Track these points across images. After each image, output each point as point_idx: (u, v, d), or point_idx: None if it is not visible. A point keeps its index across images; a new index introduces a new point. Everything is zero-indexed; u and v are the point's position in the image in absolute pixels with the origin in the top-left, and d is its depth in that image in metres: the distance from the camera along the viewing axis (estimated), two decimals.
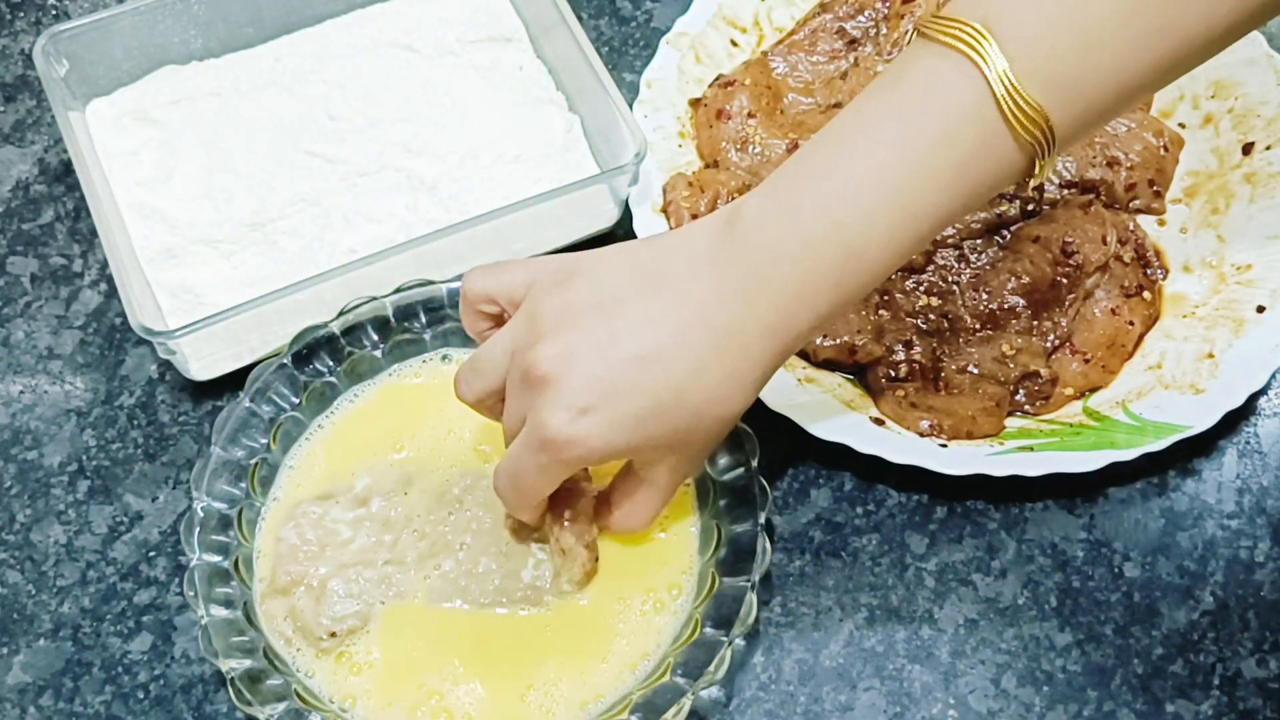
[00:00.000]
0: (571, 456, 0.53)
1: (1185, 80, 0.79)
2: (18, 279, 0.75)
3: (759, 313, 0.53)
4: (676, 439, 0.55)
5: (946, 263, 0.71)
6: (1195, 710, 0.62)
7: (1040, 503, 0.67)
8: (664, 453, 0.56)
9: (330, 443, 0.65)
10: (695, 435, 0.55)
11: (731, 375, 0.54)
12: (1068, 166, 0.75)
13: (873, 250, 0.52)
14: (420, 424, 0.65)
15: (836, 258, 0.52)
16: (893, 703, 0.62)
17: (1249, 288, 0.71)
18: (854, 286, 0.53)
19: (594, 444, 0.53)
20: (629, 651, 0.59)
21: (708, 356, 0.53)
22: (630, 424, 0.53)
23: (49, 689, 0.62)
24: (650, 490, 0.58)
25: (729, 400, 0.54)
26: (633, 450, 0.55)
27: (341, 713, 0.58)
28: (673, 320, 0.53)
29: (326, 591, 0.59)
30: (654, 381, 0.53)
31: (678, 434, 0.54)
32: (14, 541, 0.66)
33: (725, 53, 0.80)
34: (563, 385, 0.52)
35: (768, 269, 0.53)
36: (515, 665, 0.59)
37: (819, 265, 0.52)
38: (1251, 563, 0.66)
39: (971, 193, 0.53)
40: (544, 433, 0.53)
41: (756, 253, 0.53)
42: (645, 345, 0.53)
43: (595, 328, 0.53)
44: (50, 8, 0.86)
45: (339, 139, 0.75)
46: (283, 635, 0.59)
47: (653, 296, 0.53)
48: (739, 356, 0.53)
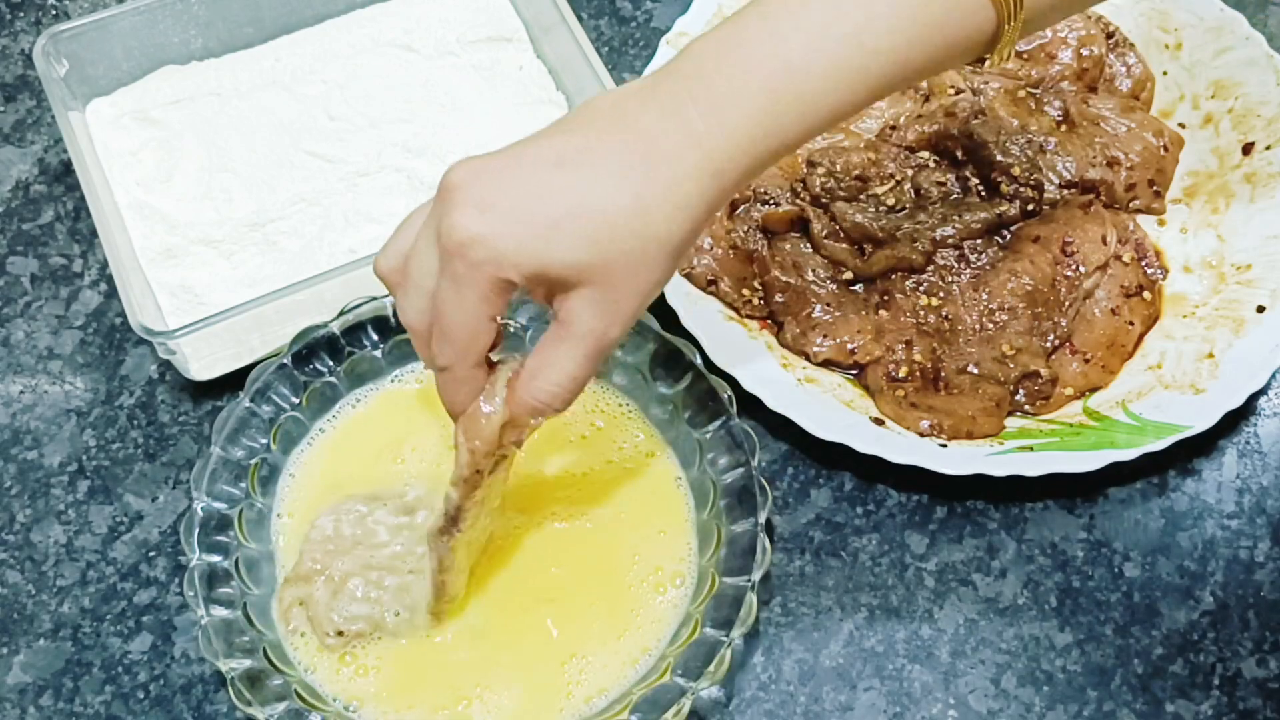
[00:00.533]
0: (479, 257, 0.48)
1: (1185, 80, 0.79)
2: (18, 279, 0.75)
3: (687, 118, 0.49)
4: (596, 261, 0.49)
5: (946, 263, 0.71)
6: (1195, 710, 0.62)
7: (1040, 503, 0.67)
8: (583, 281, 0.50)
9: (331, 448, 0.65)
10: (616, 263, 0.49)
11: (656, 184, 0.49)
12: (1067, 166, 0.75)
13: (815, 74, 0.50)
14: (421, 433, 0.65)
15: (775, 69, 0.49)
16: (893, 703, 0.62)
17: (1249, 288, 0.71)
18: (792, 114, 0.50)
19: (502, 244, 0.48)
20: (637, 634, 0.60)
21: (629, 160, 0.49)
22: (542, 227, 0.48)
23: (49, 689, 0.62)
24: (569, 340, 0.51)
25: (652, 215, 0.49)
26: (548, 263, 0.49)
27: (346, 711, 0.58)
28: (592, 127, 0.50)
29: (345, 589, 0.59)
30: (567, 182, 0.49)
31: (596, 252, 0.49)
32: (14, 541, 0.66)
33: None
34: (469, 188, 0.49)
35: (699, 73, 0.50)
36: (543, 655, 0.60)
37: (755, 74, 0.49)
38: (1251, 563, 0.66)
39: (931, 41, 0.50)
40: (450, 236, 0.48)
41: (688, 61, 0.50)
42: (559, 149, 0.49)
43: (507, 151, 0.50)
44: (50, 8, 0.86)
45: (339, 139, 0.75)
46: (291, 623, 0.59)
47: (571, 120, 0.51)
48: (664, 163, 0.49)
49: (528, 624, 0.60)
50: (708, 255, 0.72)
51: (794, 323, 0.70)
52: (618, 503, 0.64)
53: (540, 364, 0.52)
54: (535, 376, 0.52)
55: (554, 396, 0.52)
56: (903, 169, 0.75)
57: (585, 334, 0.51)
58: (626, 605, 0.61)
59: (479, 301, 0.50)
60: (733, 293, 0.71)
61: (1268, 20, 0.84)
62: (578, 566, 0.62)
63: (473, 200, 0.48)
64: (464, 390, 0.53)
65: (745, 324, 0.71)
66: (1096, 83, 0.80)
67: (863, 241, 0.73)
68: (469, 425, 0.53)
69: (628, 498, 0.64)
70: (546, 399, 0.52)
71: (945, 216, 0.73)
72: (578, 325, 0.51)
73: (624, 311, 0.51)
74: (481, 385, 0.53)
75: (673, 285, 0.69)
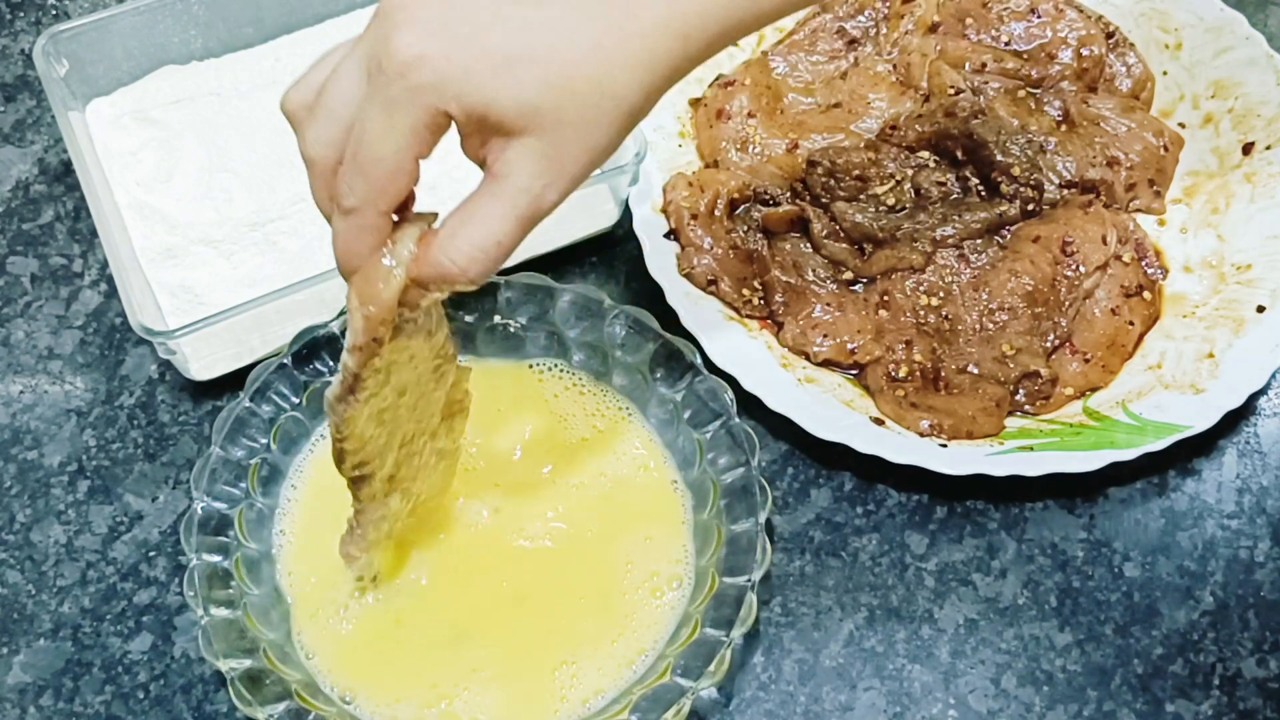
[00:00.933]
0: (422, 80, 0.44)
1: (1185, 80, 0.79)
2: (18, 279, 0.75)
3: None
4: (546, 106, 0.45)
5: (946, 263, 0.71)
6: (1195, 710, 0.62)
7: (1040, 503, 0.67)
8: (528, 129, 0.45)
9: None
10: (568, 113, 0.46)
11: (619, 35, 0.46)
12: (1067, 166, 0.75)
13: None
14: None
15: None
16: (893, 703, 0.62)
17: (1249, 288, 0.71)
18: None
19: (449, 70, 0.44)
20: (632, 637, 0.60)
21: (593, 6, 0.46)
22: (496, 59, 0.44)
23: (49, 689, 0.62)
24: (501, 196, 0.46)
25: (613, 67, 0.46)
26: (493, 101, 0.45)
27: (344, 704, 0.58)
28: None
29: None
30: (526, 19, 0.45)
31: (549, 98, 0.45)
32: (14, 541, 0.66)
33: (725, 52, 0.80)
34: (417, 7, 0.44)
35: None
36: (534, 651, 0.60)
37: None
38: (1251, 563, 0.66)
39: None
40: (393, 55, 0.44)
41: None
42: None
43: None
44: (50, 8, 0.86)
45: None
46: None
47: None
48: (630, 14, 0.46)
49: (517, 627, 0.60)
50: (708, 255, 0.72)
51: (794, 323, 0.70)
52: (613, 508, 0.64)
53: (462, 221, 0.46)
54: (455, 235, 0.46)
55: (472, 261, 0.46)
56: (903, 169, 0.75)
57: (521, 190, 0.46)
58: (621, 610, 0.61)
59: (409, 133, 0.45)
60: (733, 293, 0.71)
61: (1268, 20, 0.84)
62: (571, 572, 0.62)
63: (421, 20, 0.44)
64: (365, 240, 0.47)
65: (745, 324, 0.71)
66: (1096, 83, 0.80)
67: (863, 241, 0.73)
68: (364, 286, 0.47)
69: (623, 503, 0.64)
70: (464, 263, 0.46)
71: (945, 216, 0.73)
72: (514, 179, 0.46)
73: (567, 172, 0.47)
74: (384, 239, 0.47)
75: (673, 285, 0.70)
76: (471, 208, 0.46)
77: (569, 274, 0.75)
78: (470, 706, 0.58)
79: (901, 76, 0.80)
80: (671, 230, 0.72)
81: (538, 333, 0.67)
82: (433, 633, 0.60)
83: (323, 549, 0.62)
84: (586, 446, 0.65)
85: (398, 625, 0.60)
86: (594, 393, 0.67)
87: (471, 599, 0.61)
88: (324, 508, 0.63)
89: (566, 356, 0.67)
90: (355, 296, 0.47)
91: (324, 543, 0.62)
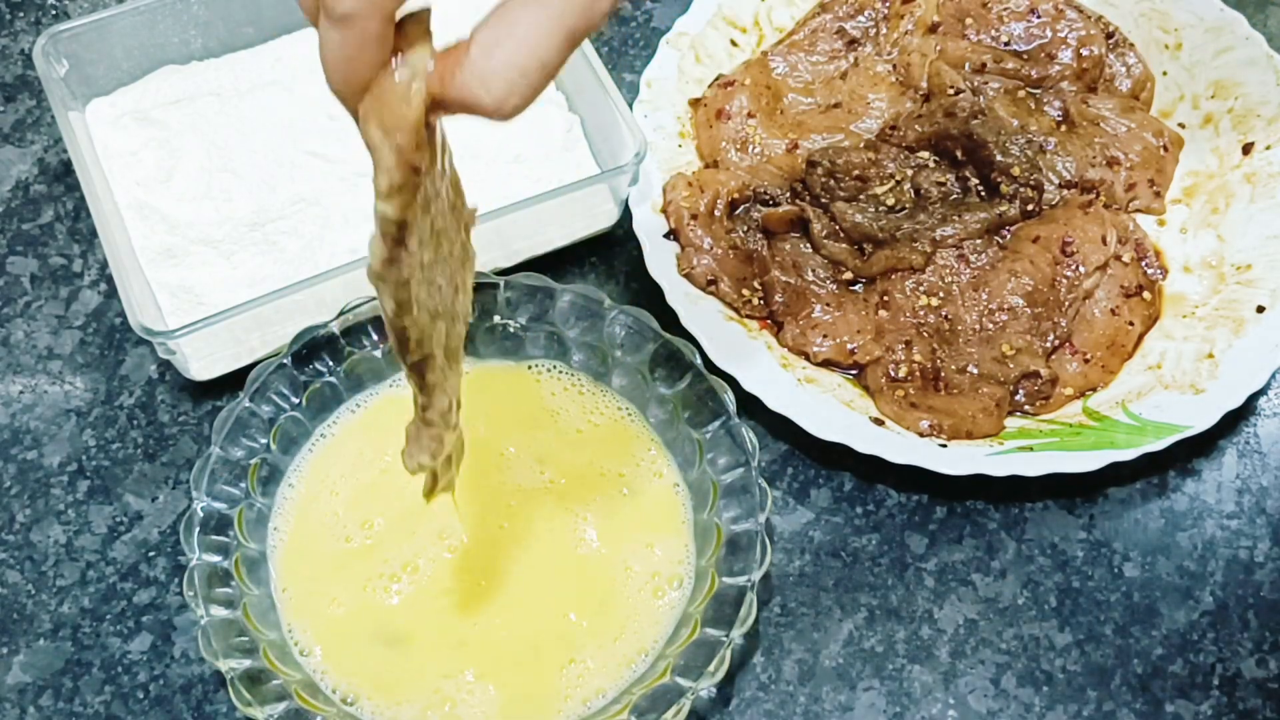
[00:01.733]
0: None
1: (1185, 80, 0.79)
2: (18, 279, 0.75)
3: None
4: None
5: (946, 263, 0.71)
6: (1195, 710, 0.62)
7: (1040, 503, 0.67)
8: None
9: (330, 452, 0.65)
10: None
11: None
12: (1067, 166, 0.75)
13: None
14: None
15: None
16: (893, 703, 0.62)
17: (1249, 288, 0.71)
18: None
19: None
20: (633, 636, 0.60)
21: None
22: None
23: (49, 689, 0.62)
24: (543, 4, 0.38)
25: None
26: None
27: (346, 705, 0.58)
28: None
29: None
30: None
31: None
32: (14, 541, 0.66)
33: (725, 53, 0.80)
34: None
35: None
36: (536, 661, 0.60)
37: None
38: (1251, 563, 0.66)
39: None
40: None
41: None
42: None
43: None
44: (50, 8, 0.86)
45: (339, 139, 0.75)
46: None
47: None
48: None
49: (518, 628, 0.60)
50: (708, 255, 0.72)
51: (794, 323, 0.70)
52: (613, 509, 0.64)
53: (498, 36, 0.37)
54: (490, 53, 0.37)
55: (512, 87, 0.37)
56: (903, 169, 0.75)
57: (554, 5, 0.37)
58: (621, 610, 0.61)
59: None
60: (733, 293, 0.71)
61: (1268, 20, 0.84)
62: (572, 572, 0.62)
63: None
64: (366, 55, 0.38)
65: (745, 324, 0.71)
66: (1096, 83, 0.80)
67: (863, 241, 0.73)
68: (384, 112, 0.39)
69: (623, 504, 0.64)
70: (501, 90, 0.38)
71: (945, 216, 0.73)
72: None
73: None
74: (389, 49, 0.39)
75: (672, 285, 0.70)
76: (509, 18, 0.37)
77: (569, 274, 0.75)
78: (472, 708, 0.58)
79: (901, 76, 0.80)
80: (671, 230, 0.72)
81: (537, 333, 0.67)
82: (434, 634, 0.60)
83: (317, 547, 0.62)
84: (586, 447, 0.65)
85: (398, 627, 0.60)
86: (593, 393, 0.67)
87: (472, 600, 0.61)
88: (321, 507, 0.64)
89: (566, 357, 0.67)
90: (375, 128, 0.39)
91: (319, 541, 0.63)
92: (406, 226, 0.41)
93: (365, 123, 0.39)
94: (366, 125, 0.39)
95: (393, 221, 0.41)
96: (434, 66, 0.38)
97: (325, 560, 0.62)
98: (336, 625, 0.60)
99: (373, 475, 0.64)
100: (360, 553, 0.62)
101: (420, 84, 0.38)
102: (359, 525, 0.63)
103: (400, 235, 0.41)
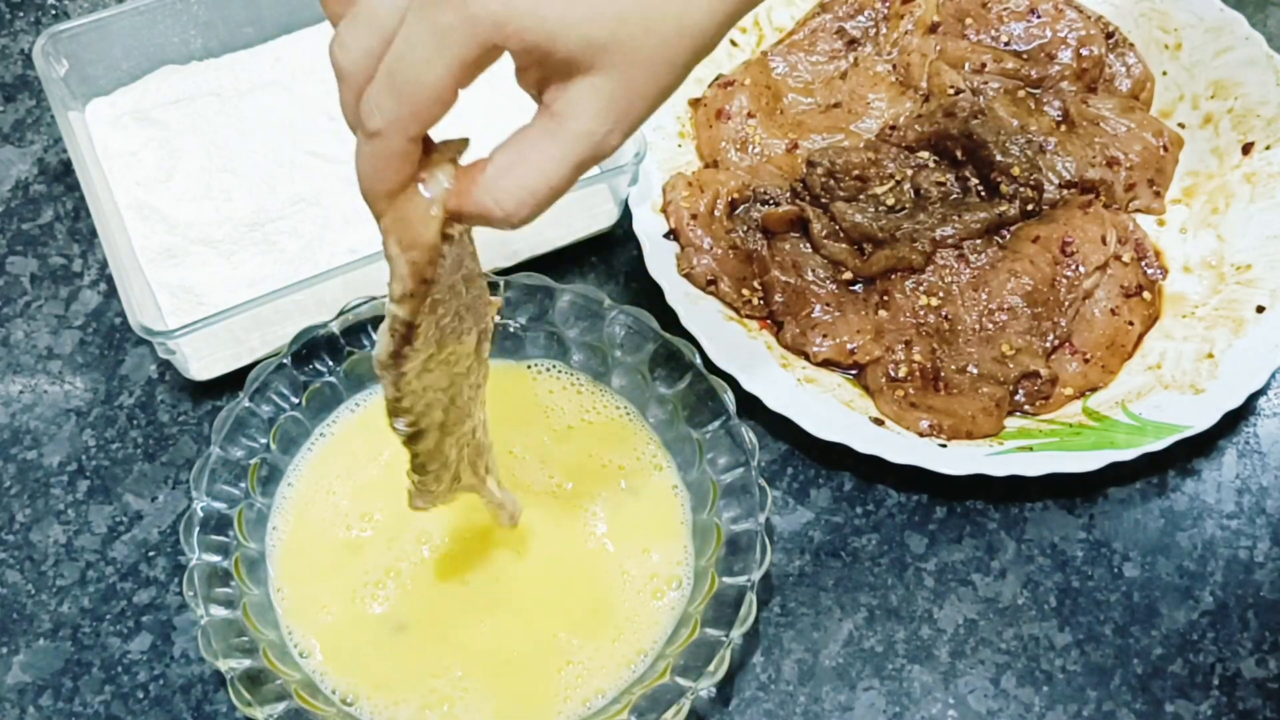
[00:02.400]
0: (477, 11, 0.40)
1: (1185, 80, 0.79)
2: (18, 279, 0.75)
3: None
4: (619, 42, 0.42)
5: (946, 263, 0.71)
6: (1195, 710, 0.62)
7: (1040, 503, 0.67)
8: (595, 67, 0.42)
9: (329, 452, 0.65)
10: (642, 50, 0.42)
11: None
12: (1067, 166, 0.75)
13: None
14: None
15: None
16: (892, 703, 0.62)
17: (1249, 288, 0.71)
18: None
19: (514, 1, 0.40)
20: (632, 637, 0.60)
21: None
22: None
23: (49, 689, 0.62)
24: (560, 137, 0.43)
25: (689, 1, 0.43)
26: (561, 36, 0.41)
27: (345, 705, 0.58)
28: None
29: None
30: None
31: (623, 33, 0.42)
32: (14, 541, 0.66)
33: (725, 52, 0.80)
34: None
35: None
36: (531, 668, 0.59)
37: None
38: (1251, 563, 0.66)
39: None
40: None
41: None
42: None
43: None
44: (50, 8, 0.86)
45: (339, 139, 0.75)
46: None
47: None
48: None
49: (518, 629, 0.60)
50: (708, 255, 0.72)
51: (794, 323, 0.70)
52: (612, 509, 0.64)
53: (515, 160, 0.42)
54: (503, 175, 0.42)
55: (520, 205, 0.43)
56: (903, 169, 0.75)
57: (581, 134, 0.42)
58: (621, 610, 0.61)
59: (456, 65, 0.41)
60: (732, 293, 0.71)
61: (1268, 20, 0.84)
62: (571, 573, 0.62)
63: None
64: (394, 167, 0.43)
65: (745, 324, 0.71)
66: (1096, 83, 0.80)
67: (863, 241, 0.73)
68: (403, 230, 0.43)
69: (623, 504, 0.64)
70: (511, 206, 0.43)
71: (945, 216, 0.73)
72: (575, 123, 0.42)
73: (633, 113, 0.43)
74: (414, 167, 0.43)
75: (672, 285, 0.70)
76: (524, 146, 0.43)
77: (569, 274, 0.75)
78: (471, 708, 0.58)
79: (901, 76, 0.80)
80: (671, 230, 0.72)
81: (537, 333, 0.67)
82: (433, 633, 0.60)
83: (316, 547, 0.62)
84: (586, 447, 0.65)
85: (397, 625, 0.60)
86: (593, 393, 0.67)
87: (473, 599, 0.61)
88: (320, 506, 0.64)
89: (566, 357, 0.67)
90: (394, 242, 0.44)
91: (317, 541, 0.63)
92: (414, 329, 0.46)
93: (386, 236, 0.44)
94: (387, 239, 0.44)
95: (403, 321, 0.45)
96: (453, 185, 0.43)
97: (324, 559, 0.62)
98: (334, 624, 0.60)
99: (372, 475, 0.64)
100: (360, 552, 0.62)
101: (439, 209, 0.43)
102: (358, 524, 0.63)
103: (408, 334, 0.46)
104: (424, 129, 0.42)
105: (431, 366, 0.49)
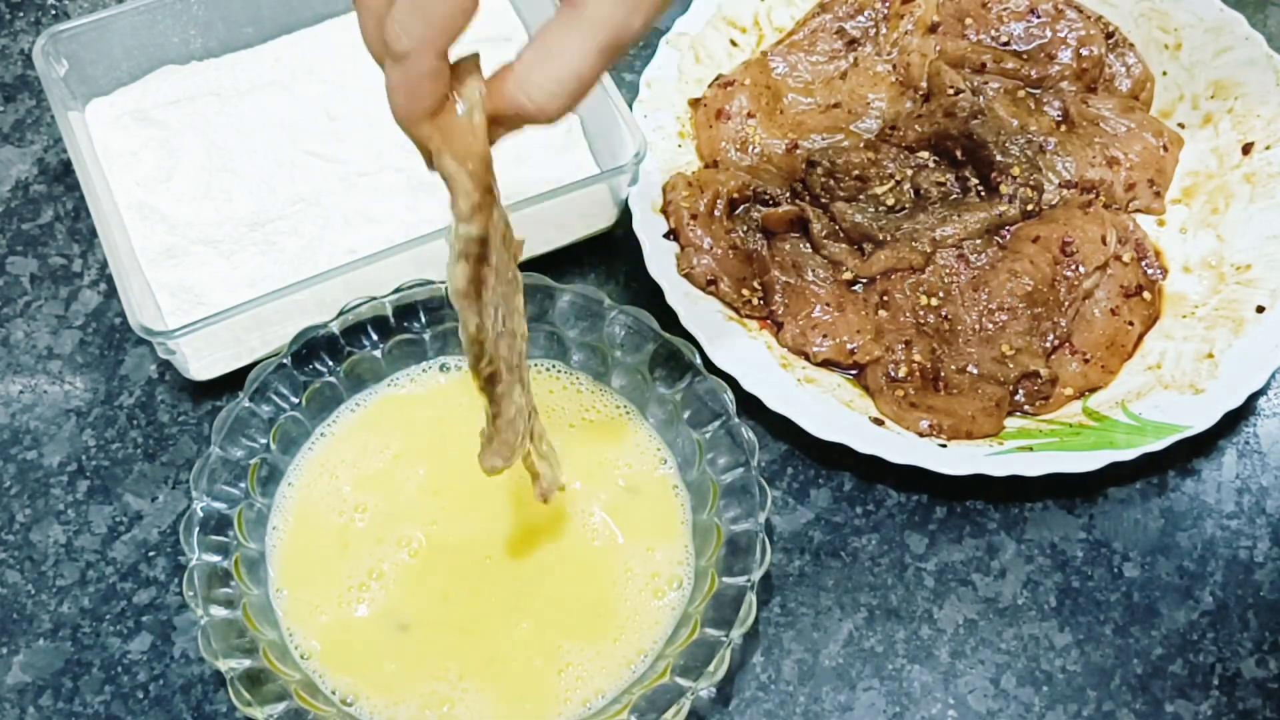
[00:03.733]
0: None
1: (1185, 80, 0.79)
2: (17, 279, 0.75)
3: None
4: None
5: (946, 263, 0.71)
6: (1195, 710, 0.62)
7: (1040, 503, 0.67)
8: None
9: (329, 452, 0.65)
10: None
11: None
12: (1067, 166, 0.75)
13: None
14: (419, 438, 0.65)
15: None
16: (892, 703, 0.62)
17: (1249, 288, 0.71)
18: None
19: None
20: (632, 637, 0.60)
21: None
22: None
23: (48, 689, 0.62)
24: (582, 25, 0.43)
25: None
26: None
27: (345, 706, 0.58)
28: None
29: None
30: None
31: None
32: (14, 541, 0.66)
33: (725, 53, 0.80)
34: None
35: None
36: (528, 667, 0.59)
37: None
38: (1251, 563, 0.66)
39: None
40: None
41: None
42: None
43: None
44: (50, 8, 0.86)
45: (339, 139, 0.75)
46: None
47: None
48: None
49: (518, 630, 0.60)
50: (708, 255, 0.72)
51: (794, 323, 0.70)
52: (612, 509, 0.64)
53: (541, 55, 0.43)
54: (534, 69, 0.43)
55: (553, 97, 0.43)
56: (902, 169, 0.75)
57: (603, 20, 0.42)
58: (621, 611, 0.61)
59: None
60: (733, 293, 0.71)
61: (1268, 20, 0.84)
62: (572, 573, 0.62)
63: None
64: (428, 87, 0.43)
65: (745, 324, 0.71)
66: (1096, 83, 0.80)
67: (862, 241, 0.73)
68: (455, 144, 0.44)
69: (623, 504, 0.64)
70: (543, 99, 0.43)
71: (945, 216, 0.73)
72: (596, 9, 0.42)
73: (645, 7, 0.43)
74: (447, 84, 0.44)
75: (672, 285, 0.70)
76: (549, 40, 0.43)
77: (569, 274, 0.75)
78: (471, 708, 0.58)
79: (901, 76, 0.80)
80: (671, 230, 0.72)
81: (537, 333, 0.67)
82: (434, 633, 0.60)
83: (315, 547, 0.62)
84: (586, 447, 0.65)
85: (398, 627, 0.60)
86: (593, 392, 0.67)
87: (473, 599, 0.61)
88: (320, 506, 0.64)
89: (566, 357, 0.67)
90: (449, 159, 0.44)
91: (317, 540, 0.63)
92: (488, 243, 0.46)
93: (439, 156, 0.44)
94: (441, 158, 0.44)
95: (475, 240, 0.45)
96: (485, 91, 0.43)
97: (324, 560, 0.62)
98: (334, 625, 0.60)
99: (373, 474, 0.64)
100: (361, 552, 0.62)
101: (480, 115, 0.43)
102: (358, 523, 0.63)
103: (483, 252, 0.46)
104: (451, 41, 0.42)
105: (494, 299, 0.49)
